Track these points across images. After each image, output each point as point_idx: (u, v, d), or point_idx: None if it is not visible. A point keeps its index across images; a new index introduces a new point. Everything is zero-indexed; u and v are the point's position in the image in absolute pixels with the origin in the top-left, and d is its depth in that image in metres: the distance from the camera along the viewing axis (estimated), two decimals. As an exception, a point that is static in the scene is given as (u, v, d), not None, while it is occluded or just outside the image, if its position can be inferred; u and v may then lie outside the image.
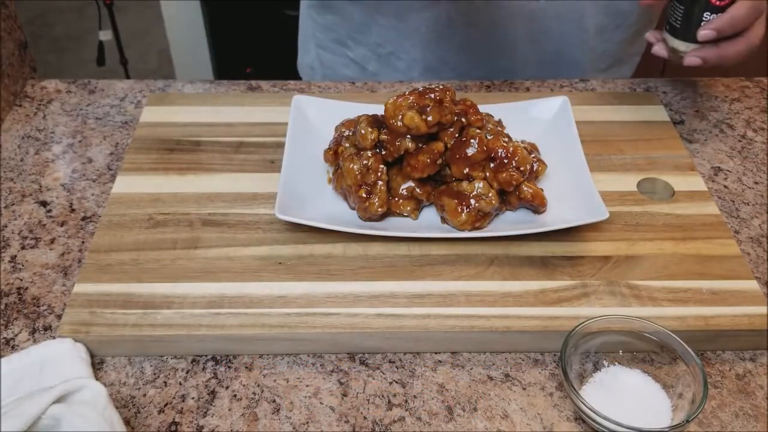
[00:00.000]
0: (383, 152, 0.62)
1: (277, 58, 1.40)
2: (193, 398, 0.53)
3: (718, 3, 0.66)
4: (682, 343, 0.51)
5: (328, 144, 0.67)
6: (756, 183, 0.70)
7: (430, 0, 0.82)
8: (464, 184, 0.61)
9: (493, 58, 0.88)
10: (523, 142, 0.66)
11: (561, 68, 0.88)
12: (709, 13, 0.67)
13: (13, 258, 0.62)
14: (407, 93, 0.60)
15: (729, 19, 0.66)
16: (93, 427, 0.45)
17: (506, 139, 0.62)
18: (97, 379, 0.53)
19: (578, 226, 0.61)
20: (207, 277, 0.58)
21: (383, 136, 0.61)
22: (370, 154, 0.62)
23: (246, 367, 0.55)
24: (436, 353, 0.56)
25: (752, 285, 0.58)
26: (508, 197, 0.62)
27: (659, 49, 0.72)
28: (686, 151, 0.72)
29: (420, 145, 0.61)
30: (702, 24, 0.67)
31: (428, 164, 0.61)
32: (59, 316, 0.57)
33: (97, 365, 0.55)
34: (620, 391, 0.51)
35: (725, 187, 0.70)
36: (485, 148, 0.60)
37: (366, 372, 0.55)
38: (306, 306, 0.56)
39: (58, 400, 0.45)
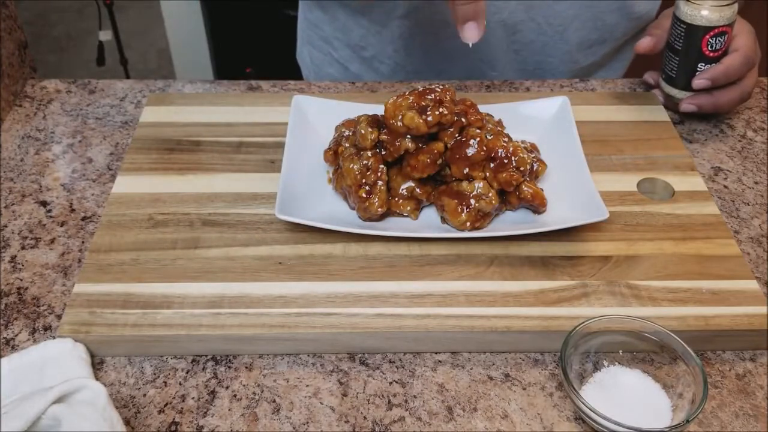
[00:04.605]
0: (383, 152, 0.62)
1: (277, 58, 1.40)
2: (193, 398, 0.53)
3: (711, 54, 0.71)
4: (682, 343, 0.51)
5: (328, 144, 0.67)
6: (756, 183, 0.70)
7: (411, 0, 0.82)
8: (464, 184, 0.61)
9: (477, 68, 0.88)
10: (523, 142, 0.66)
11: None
12: (703, 64, 0.71)
13: (13, 258, 0.62)
14: (407, 93, 0.60)
15: (724, 70, 0.71)
16: (93, 427, 0.45)
17: (506, 139, 0.62)
18: (97, 379, 0.53)
19: (578, 226, 0.61)
20: (207, 277, 0.58)
21: (383, 136, 0.61)
22: (370, 154, 0.62)
23: (246, 367, 0.55)
24: (436, 353, 0.56)
25: (752, 285, 0.58)
26: (508, 197, 0.62)
27: (657, 93, 0.78)
28: (686, 151, 0.72)
29: (420, 145, 0.61)
30: (696, 74, 0.72)
31: (428, 164, 0.61)
32: (59, 316, 0.57)
33: (97, 365, 0.55)
34: (620, 391, 0.51)
35: (725, 187, 0.70)
36: (485, 148, 0.60)
37: (366, 372, 0.55)
38: (306, 306, 0.56)
39: (58, 400, 0.45)
